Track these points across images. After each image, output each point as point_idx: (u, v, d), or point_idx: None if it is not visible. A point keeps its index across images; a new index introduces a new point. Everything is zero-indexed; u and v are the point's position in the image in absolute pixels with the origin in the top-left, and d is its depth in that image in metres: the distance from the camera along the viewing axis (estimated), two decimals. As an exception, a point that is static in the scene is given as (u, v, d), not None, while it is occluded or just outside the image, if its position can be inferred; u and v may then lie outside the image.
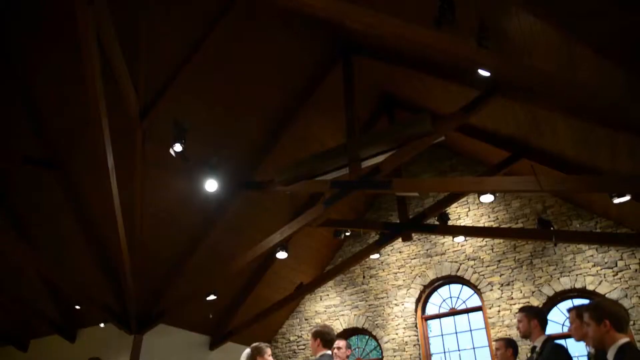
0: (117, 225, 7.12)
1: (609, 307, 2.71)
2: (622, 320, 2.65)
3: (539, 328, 3.73)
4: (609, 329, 2.60)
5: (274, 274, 10.12)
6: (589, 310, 2.74)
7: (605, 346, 2.62)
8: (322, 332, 3.91)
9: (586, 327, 2.76)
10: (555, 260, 8.31)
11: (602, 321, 2.62)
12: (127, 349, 8.58)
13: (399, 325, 9.42)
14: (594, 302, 2.84)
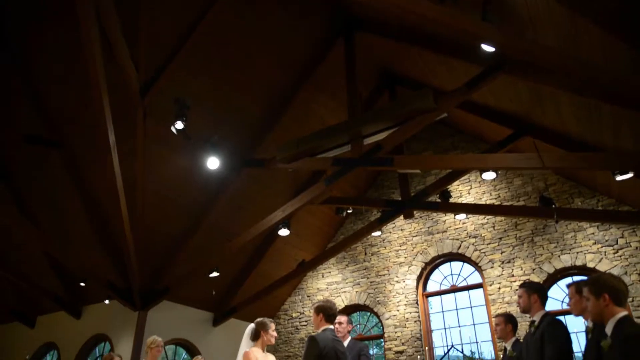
0: (119, 202, 7.15)
1: (608, 281, 2.72)
2: (621, 295, 2.67)
3: (539, 303, 3.75)
4: (608, 303, 2.62)
5: (276, 251, 10.19)
6: (588, 285, 2.76)
7: (604, 320, 2.64)
8: (325, 307, 3.94)
9: (585, 301, 2.78)
10: (556, 237, 8.34)
11: (601, 295, 2.64)
12: (132, 325, 8.72)
13: (400, 302, 9.52)
14: (594, 277, 2.85)
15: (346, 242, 9.06)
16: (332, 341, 3.74)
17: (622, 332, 2.50)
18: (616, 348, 2.48)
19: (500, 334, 4.38)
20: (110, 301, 9.41)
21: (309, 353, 3.66)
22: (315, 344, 3.66)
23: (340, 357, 3.71)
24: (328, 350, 3.65)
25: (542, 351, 3.46)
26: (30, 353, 10.43)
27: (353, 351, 4.86)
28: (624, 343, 2.44)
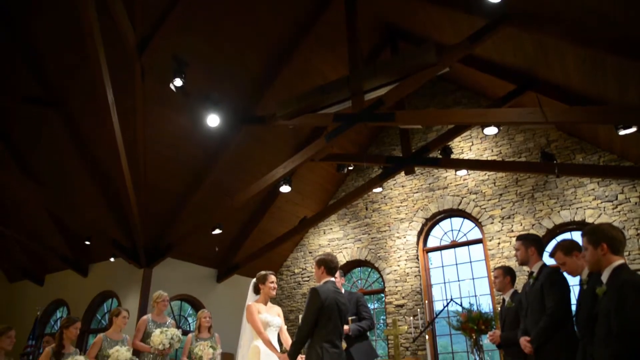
0: (120, 161, 7.17)
1: (607, 231, 2.73)
2: (619, 243, 2.69)
3: (536, 255, 3.80)
4: (605, 252, 2.64)
5: (278, 208, 10.27)
6: (587, 234, 2.77)
7: (601, 268, 2.67)
8: (326, 260, 4.01)
9: (584, 251, 2.80)
10: (556, 193, 8.37)
11: (599, 245, 2.66)
12: (138, 282, 8.90)
13: (401, 258, 9.67)
14: (592, 226, 2.86)
15: (347, 199, 9.11)
16: (333, 293, 3.82)
17: (617, 278, 2.53)
18: (610, 294, 2.51)
19: (499, 286, 4.45)
20: (115, 259, 9.57)
21: (311, 304, 3.74)
22: (317, 295, 3.74)
23: (341, 308, 3.80)
24: (329, 302, 3.73)
25: (542, 301, 3.52)
26: (41, 309, 10.71)
27: (351, 302, 4.99)
28: (619, 289, 2.47)
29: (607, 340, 2.45)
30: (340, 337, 3.82)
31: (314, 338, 3.74)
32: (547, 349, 3.42)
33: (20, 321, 9.89)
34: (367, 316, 4.99)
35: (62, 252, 10.16)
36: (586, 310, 2.73)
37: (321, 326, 3.71)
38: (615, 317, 2.42)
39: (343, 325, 3.90)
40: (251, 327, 4.17)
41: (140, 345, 5.44)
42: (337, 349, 3.68)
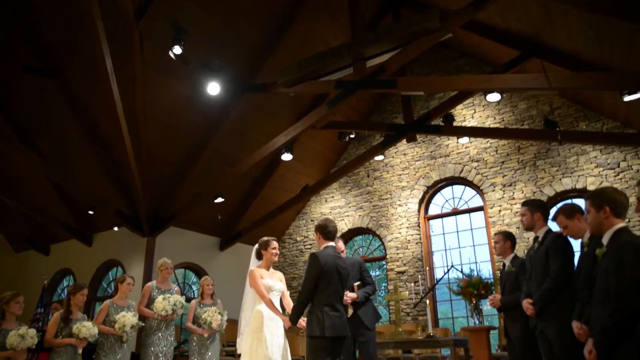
0: (121, 130, 7.15)
1: (610, 194, 2.73)
2: (621, 207, 2.69)
3: (542, 220, 3.80)
4: (608, 215, 2.64)
5: (280, 176, 10.30)
6: (590, 198, 2.77)
7: (602, 231, 2.68)
8: (321, 226, 4.04)
9: (586, 214, 2.81)
10: (558, 161, 8.36)
11: (602, 208, 2.66)
12: (142, 250, 9.01)
13: (402, 225, 9.74)
14: (596, 190, 2.86)
15: (349, 167, 9.11)
16: (333, 257, 3.85)
17: (618, 240, 2.54)
18: (610, 255, 2.53)
19: (499, 250, 4.48)
20: (119, 228, 9.66)
21: (311, 270, 3.78)
22: (316, 260, 3.78)
23: (341, 273, 3.84)
24: (329, 267, 3.76)
25: (546, 265, 3.55)
26: (48, 278, 10.87)
27: (354, 268, 5.05)
28: (619, 250, 2.49)
29: (604, 301, 2.48)
30: (341, 301, 3.87)
31: (315, 302, 3.78)
32: (549, 311, 3.46)
33: (28, 290, 10.05)
34: (370, 281, 5.09)
35: (66, 222, 10.25)
36: (586, 271, 2.75)
37: (321, 290, 3.75)
38: (613, 277, 2.44)
39: (344, 289, 3.94)
40: (254, 291, 4.23)
41: (145, 311, 5.53)
42: (337, 312, 3.73)
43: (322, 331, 3.64)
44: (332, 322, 3.65)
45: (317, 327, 3.67)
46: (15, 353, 4.29)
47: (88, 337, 4.81)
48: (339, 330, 3.68)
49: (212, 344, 5.70)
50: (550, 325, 3.44)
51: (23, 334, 4.33)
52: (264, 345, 3.94)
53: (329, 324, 3.63)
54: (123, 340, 5.23)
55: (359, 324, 4.91)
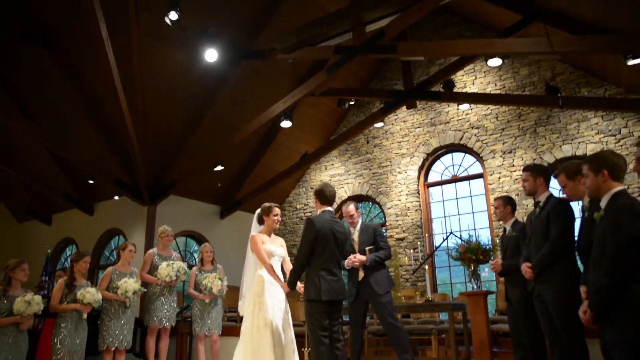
0: (118, 98, 7.08)
1: (608, 158, 2.72)
2: (620, 170, 2.69)
3: (544, 185, 3.81)
4: (606, 179, 2.64)
5: (280, 144, 10.27)
6: (588, 162, 2.76)
7: (600, 194, 2.67)
8: (319, 190, 4.07)
9: (584, 178, 2.80)
10: (559, 128, 8.32)
11: (600, 171, 2.65)
12: (143, 219, 9.06)
13: (402, 192, 9.77)
14: (593, 154, 2.85)
15: (348, 134, 9.07)
16: (329, 222, 3.88)
17: (615, 203, 2.54)
18: (607, 217, 2.53)
19: (500, 215, 4.51)
20: (119, 197, 9.70)
21: (306, 234, 3.82)
22: (311, 225, 3.82)
23: (338, 237, 3.86)
24: (325, 231, 3.80)
25: (547, 230, 3.56)
26: (51, 247, 10.98)
27: (367, 233, 5.02)
28: (616, 212, 2.49)
29: (600, 262, 2.50)
30: (339, 265, 3.91)
31: (312, 267, 3.83)
32: (547, 275, 3.49)
33: (32, 259, 10.11)
34: (384, 246, 4.92)
35: (67, 191, 10.28)
36: (586, 236, 2.76)
37: (318, 255, 3.80)
38: (609, 238, 2.44)
39: (342, 253, 3.97)
40: (255, 256, 4.28)
41: (148, 277, 5.62)
42: (334, 276, 3.78)
43: (318, 295, 3.70)
44: (328, 286, 3.71)
45: (313, 291, 3.74)
46: (22, 318, 4.38)
47: (92, 302, 4.90)
48: (335, 294, 3.74)
49: (213, 308, 5.81)
50: (547, 288, 3.48)
51: (29, 300, 4.41)
52: (265, 310, 4.01)
53: (325, 288, 3.69)
54: (126, 306, 5.32)
55: (369, 288, 4.84)
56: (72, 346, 4.82)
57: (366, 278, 4.86)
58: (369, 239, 4.95)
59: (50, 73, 8.10)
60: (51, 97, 8.62)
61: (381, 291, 4.78)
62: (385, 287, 4.81)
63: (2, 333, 4.33)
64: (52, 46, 7.74)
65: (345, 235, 4.00)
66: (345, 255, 4.05)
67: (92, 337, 5.22)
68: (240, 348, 3.98)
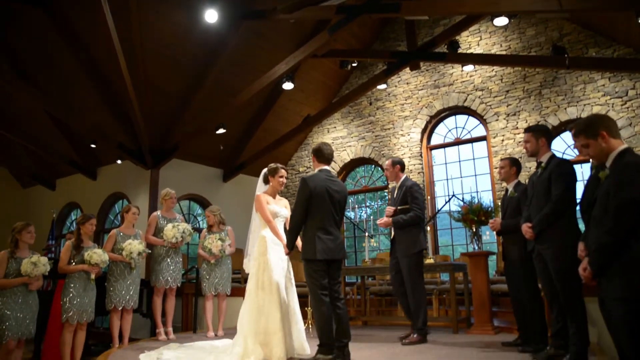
0: (118, 60, 6.99)
1: (599, 119, 2.70)
2: (615, 126, 2.66)
3: (546, 146, 3.78)
4: (607, 139, 2.61)
5: (281, 107, 10.19)
6: (581, 133, 2.70)
7: (606, 157, 2.60)
8: (316, 149, 4.08)
9: (585, 149, 2.75)
10: (564, 90, 8.21)
11: (598, 135, 2.62)
12: (146, 183, 9.10)
13: (405, 155, 9.74)
14: (581, 122, 2.75)
15: (351, 96, 8.98)
16: (323, 181, 3.88)
17: (620, 161, 2.51)
18: (612, 176, 2.51)
19: (504, 175, 4.51)
20: (122, 161, 9.71)
21: (300, 193, 3.85)
22: (304, 184, 3.84)
23: (333, 196, 3.86)
24: (319, 190, 3.81)
25: (548, 190, 3.56)
26: (56, 212, 11.09)
27: (401, 191, 5.06)
28: (621, 170, 2.46)
29: (602, 220, 2.49)
30: (336, 224, 3.90)
31: (308, 227, 3.86)
32: (547, 235, 3.51)
33: (37, 224, 10.19)
34: (414, 207, 4.88)
35: (70, 156, 10.29)
36: (590, 194, 2.73)
37: (313, 214, 3.82)
38: (613, 196, 2.43)
39: (339, 212, 3.94)
40: (260, 216, 4.30)
41: (153, 239, 5.68)
42: (330, 235, 3.80)
43: (314, 254, 3.74)
44: (324, 245, 3.74)
45: (310, 251, 3.78)
46: (31, 279, 4.46)
47: (99, 263, 4.98)
48: (331, 253, 3.77)
49: (220, 269, 5.90)
50: (548, 247, 3.51)
51: (35, 262, 4.48)
52: (270, 269, 4.07)
53: (320, 247, 3.73)
54: (132, 267, 5.41)
55: (395, 248, 5.00)
56: (81, 305, 4.93)
57: (394, 238, 4.98)
58: (403, 198, 4.99)
59: (50, 37, 7.96)
60: (51, 62, 8.50)
61: (402, 254, 4.86)
62: (409, 249, 4.82)
63: (12, 293, 4.42)
64: (52, 9, 7.57)
65: (342, 193, 3.97)
66: (342, 214, 4.01)
67: (101, 298, 5.34)
68: (245, 307, 4.05)
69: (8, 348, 4.33)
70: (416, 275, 4.80)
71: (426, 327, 4.77)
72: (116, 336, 5.32)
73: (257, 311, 3.91)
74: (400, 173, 5.25)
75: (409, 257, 4.81)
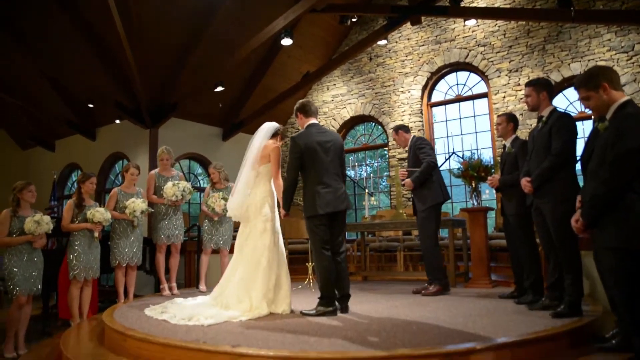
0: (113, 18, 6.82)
1: (601, 71, 2.65)
2: (617, 77, 2.62)
3: (547, 100, 3.71)
4: (608, 90, 2.57)
5: (281, 64, 10.03)
6: (583, 84, 2.66)
7: (608, 109, 2.60)
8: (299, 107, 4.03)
9: (586, 102, 2.72)
10: (569, 45, 8.04)
11: (600, 86, 2.58)
12: (145, 143, 9.08)
13: (405, 112, 9.67)
14: (583, 75, 2.71)
15: (351, 52, 8.84)
16: (314, 135, 3.84)
17: (621, 112, 2.48)
18: (611, 127, 2.48)
19: (501, 132, 4.48)
20: (121, 121, 9.64)
21: (291, 153, 3.83)
22: (294, 143, 3.83)
23: (325, 147, 3.83)
24: (309, 145, 3.79)
25: (549, 144, 3.52)
26: (57, 173, 11.11)
27: (411, 151, 5.16)
28: (621, 121, 2.43)
29: (599, 172, 2.48)
30: (337, 176, 3.87)
31: (306, 183, 3.86)
32: (546, 189, 3.51)
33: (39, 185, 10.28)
34: (424, 157, 4.93)
35: (68, 117, 10.21)
36: (590, 147, 2.71)
37: (308, 171, 3.82)
38: (611, 147, 2.41)
39: (334, 162, 3.88)
40: (266, 169, 4.17)
41: (154, 198, 5.67)
42: (329, 188, 3.78)
43: (315, 210, 3.76)
44: (323, 199, 3.74)
45: (310, 207, 3.80)
46: (34, 237, 4.51)
47: (102, 221, 5.03)
48: (332, 205, 3.77)
49: (222, 226, 5.96)
50: (546, 201, 3.52)
51: (38, 220, 4.52)
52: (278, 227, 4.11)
53: (320, 202, 3.74)
54: (134, 225, 5.47)
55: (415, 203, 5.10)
56: (87, 262, 5.02)
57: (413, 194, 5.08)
58: (414, 156, 5.08)
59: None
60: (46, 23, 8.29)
61: (420, 207, 4.97)
62: (426, 202, 4.92)
63: (18, 251, 4.49)
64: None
65: (335, 143, 3.91)
66: (340, 164, 3.94)
67: (106, 256, 5.43)
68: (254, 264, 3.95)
69: (19, 302, 4.45)
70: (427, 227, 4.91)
71: (445, 278, 4.88)
72: (121, 292, 5.44)
73: (269, 268, 3.94)
74: (406, 135, 5.32)
75: (422, 212, 4.94)
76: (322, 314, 3.69)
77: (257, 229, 4.05)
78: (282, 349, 2.65)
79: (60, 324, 5.60)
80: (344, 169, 4.04)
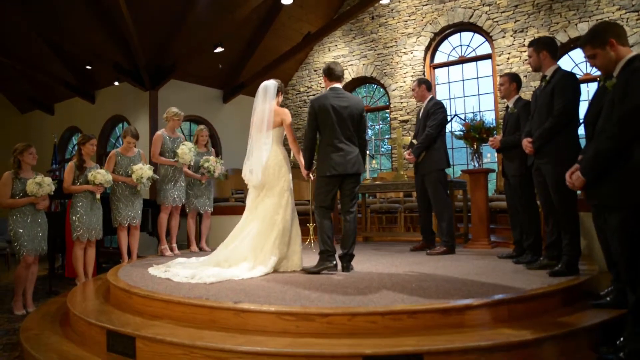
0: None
1: (605, 26, 2.58)
2: (624, 32, 2.54)
3: (549, 58, 3.63)
4: (615, 47, 2.50)
5: (281, 25, 9.83)
6: (589, 42, 2.58)
7: (615, 66, 2.51)
8: (325, 69, 4.03)
9: (592, 60, 2.65)
10: (577, 4, 7.85)
11: (607, 43, 2.51)
12: (145, 105, 9.02)
13: (407, 74, 9.54)
14: (590, 32, 2.62)
15: (352, 12, 8.66)
16: (330, 99, 3.86)
17: (629, 67, 2.41)
18: (619, 82, 2.40)
19: (504, 92, 4.41)
20: (120, 83, 9.54)
21: (308, 115, 3.95)
22: (310, 107, 3.93)
23: (339, 111, 3.83)
24: (323, 108, 3.82)
25: (551, 104, 3.47)
26: (57, 136, 11.09)
27: (424, 114, 5.16)
28: (630, 75, 2.36)
29: (605, 128, 2.42)
30: (349, 139, 3.87)
31: (320, 145, 3.94)
32: (547, 149, 3.48)
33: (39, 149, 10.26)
34: (429, 124, 4.96)
35: (66, 79, 10.09)
36: (596, 105, 2.65)
37: (322, 133, 3.90)
38: (620, 102, 2.34)
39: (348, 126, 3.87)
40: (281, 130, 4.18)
41: (163, 159, 5.60)
42: (340, 151, 3.82)
43: (324, 171, 3.86)
44: (332, 162, 3.82)
45: (321, 168, 3.90)
46: (37, 199, 4.54)
47: (104, 182, 5.05)
48: (340, 168, 3.82)
49: (207, 190, 5.98)
50: (547, 162, 3.50)
51: (40, 182, 4.54)
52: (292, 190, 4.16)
53: (329, 164, 3.83)
54: (138, 189, 5.49)
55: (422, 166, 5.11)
56: (89, 223, 5.07)
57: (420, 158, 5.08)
58: (426, 119, 5.08)
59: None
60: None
61: (426, 170, 5.02)
62: (433, 165, 4.97)
63: (22, 213, 4.54)
64: None
65: (353, 108, 3.90)
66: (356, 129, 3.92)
67: (108, 217, 5.47)
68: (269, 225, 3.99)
69: (26, 262, 4.54)
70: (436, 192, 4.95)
71: (453, 240, 4.93)
72: (125, 252, 5.50)
73: (284, 229, 3.99)
74: (426, 92, 5.29)
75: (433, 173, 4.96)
76: (322, 269, 3.81)
77: (276, 189, 4.09)
78: (284, 305, 2.71)
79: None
80: (362, 134, 4.03)
